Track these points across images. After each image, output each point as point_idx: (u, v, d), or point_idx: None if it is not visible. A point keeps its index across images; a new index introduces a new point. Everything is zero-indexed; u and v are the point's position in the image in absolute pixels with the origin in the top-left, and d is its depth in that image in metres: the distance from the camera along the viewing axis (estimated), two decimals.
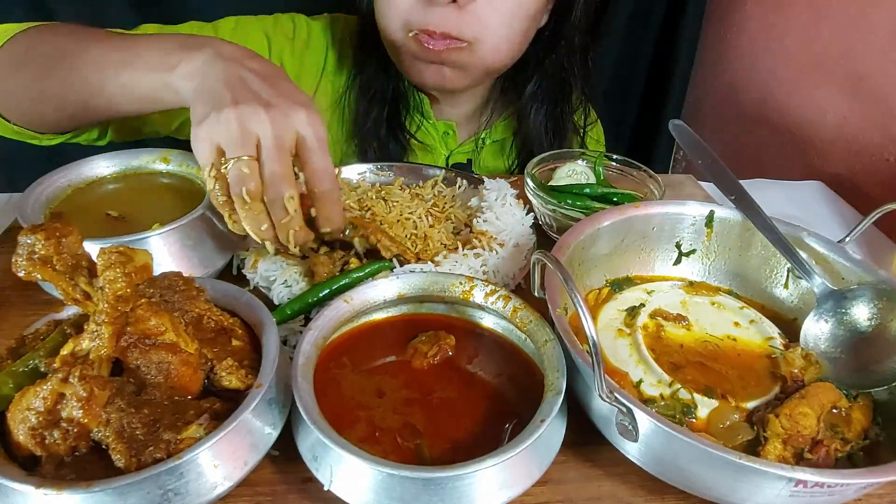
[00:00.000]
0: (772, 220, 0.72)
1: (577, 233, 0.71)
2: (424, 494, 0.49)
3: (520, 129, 1.18)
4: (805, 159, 1.39)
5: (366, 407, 0.58)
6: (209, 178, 0.63)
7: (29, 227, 0.52)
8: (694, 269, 0.79)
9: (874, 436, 0.59)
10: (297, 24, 1.11)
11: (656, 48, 1.72)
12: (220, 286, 0.63)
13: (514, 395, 0.61)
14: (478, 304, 0.67)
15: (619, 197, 0.93)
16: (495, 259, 0.78)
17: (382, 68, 1.09)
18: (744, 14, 1.58)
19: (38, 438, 0.47)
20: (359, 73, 1.11)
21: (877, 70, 1.20)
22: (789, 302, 0.74)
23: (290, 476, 0.57)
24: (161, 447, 0.48)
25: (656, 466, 0.55)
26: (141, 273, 0.54)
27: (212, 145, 0.62)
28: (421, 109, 1.14)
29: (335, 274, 0.73)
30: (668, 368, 0.63)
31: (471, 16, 0.93)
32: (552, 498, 0.56)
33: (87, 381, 0.48)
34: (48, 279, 0.52)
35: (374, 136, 1.10)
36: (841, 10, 1.29)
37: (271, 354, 0.55)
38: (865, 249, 1.02)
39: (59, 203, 0.79)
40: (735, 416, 0.59)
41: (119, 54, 0.73)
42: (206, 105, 0.63)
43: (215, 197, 0.64)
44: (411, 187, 0.93)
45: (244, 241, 0.80)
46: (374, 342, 0.66)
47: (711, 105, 1.75)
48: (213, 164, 0.62)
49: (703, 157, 0.81)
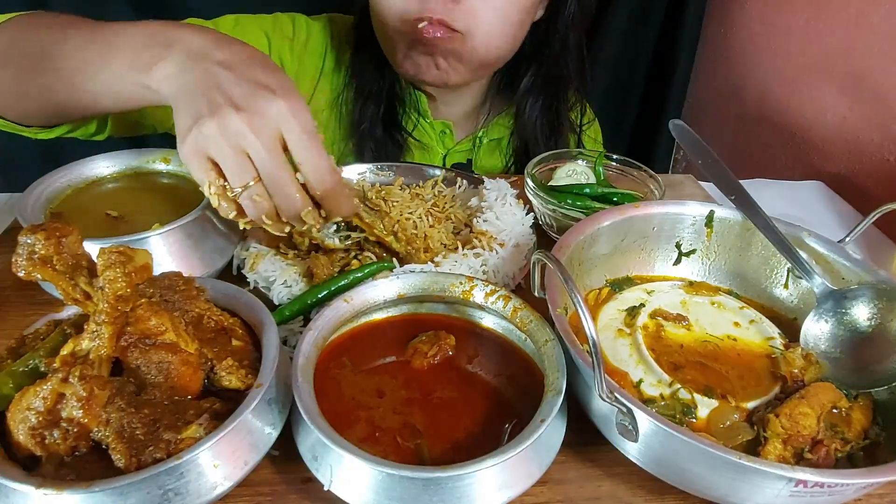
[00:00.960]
0: (772, 220, 0.72)
1: (577, 233, 0.71)
2: (424, 494, 0.49)
3: (516, 125, 1.19)
4: (805, 159, 1.39)
5: (366, 407, 0.58)
6: (212, 196, 0.63)
7: (29, 227, 0.52)
8: (694, 269, 0.79)
9: (874, 436, 0.59)
10: (296, 24, 1.11)
11: (656, 48, 1.73)
12: (220, 286, 0.63)
13: (514, 395, 0.61)
14: (478, 304, 0.67)
15: (619, 197, 0.93)
16: (495, 259, 0.78)
17: (379, 67, 1.09)
18: (744, 14, 1.58)
19: (38, 438, 0.47)
20: (355, 71, 1.11)
21: (877, 70, 1.20)
22: (789, 302, 0.74)
23: (290, 476, 0.57)
24: (161, 447, 0.48)
25: (656, 466, 0.55)
26: (141, 273, 0.54)
27: (203, 160, 0.61)
28: (418, 108, 1.14)
29: (334, 274, 0.73)
30: (668, 368, 0.63)
31: (465, 7, 0.93)
32: (552, 498, 0.56)
33: (87, 381, 0.48)
34: (48, 279, 0.51)
35: (370, 135, 1.11)
36: (841, 10, 1.29)
37: (271, 354, 0.55)
38: (865, 249, 1.02)
39: (59, 203, 0.78)
40: (735, 416, 0.59)
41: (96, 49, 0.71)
42: (186, 117, 0.61)
43: (225, 213, 0.64)
44: (411, 187, 0.93)
45: (244, 240, 0.80)
46: (374, 342, 0.66)
47: (711, 105, 1.75)
48: (209, 181, 0.62)
49: (703, 157, 0.81)
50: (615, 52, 1.71)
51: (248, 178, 0.61)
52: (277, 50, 1.08)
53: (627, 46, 1.71)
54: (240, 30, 1.05)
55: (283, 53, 1.09)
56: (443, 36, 0.95)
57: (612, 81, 1.76)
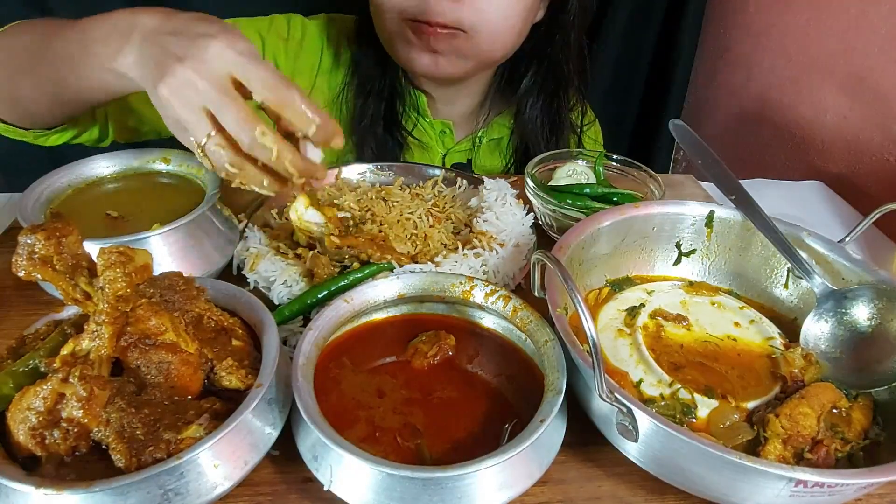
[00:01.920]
0: (772, 220, 0.72)
1: (577, 233, 0.71)
2: (424, 494, 0.49)
3: (517, 124, 1.19)
4: (805, 159, 1.39)
5: (366, 407, 0.58)
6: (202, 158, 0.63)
7: (29, 227, 0.52)
8: (694, 269, 0.79)
9: (874, 436, 0.59)
10: (291, 23, 1.11)
11: (656, 48, 1.72)
12: (220, 286, 0.63)
13: (514, 395, 0.61)
14: (478, 304, 0.67)
15: (619, 197, 0.93)
16: (495, 259, 0.78)
17: (379, 65, 1.09)
18: (744, 14, 1.58)
19: (39, 438, 0.47)
20: (356, 70, 1.11)
21: (877, 70, 1.20)
22: (789, 302, 0.74)
23: (290, 476, 0.57)
24: (161, 447, 0.48)
25: (656, 466, 0.55)
26: (141, 273, 0.54)
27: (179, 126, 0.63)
28: (417, 107, 1.14)
29: (335, 275, 0.73)
30: (668, 368, 0.63)
31: (467, 5, 0.93)
32: (552, 498, 0.56)
33: (87, 381, 0.48)
34: (48, 279, 0.52)
35: (370, 133, 1.11)
36: (841, 10, 1.29)
37: (271, 354, 0.55)
38: (865, 249, 1.02)
39: (59, 203, 0.79)
40: (735, 416, 0.59)
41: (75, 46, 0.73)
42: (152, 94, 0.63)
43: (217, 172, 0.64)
44: (411, 187, 0.93)
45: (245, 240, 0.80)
46: (374, 342, 0.66)
47: (711, 105, 1.75)
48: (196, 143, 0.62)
49: (703, 157, 0.81)
50: (615, 52, 1.71)
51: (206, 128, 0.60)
52: (272, 49, 1.08)
53: (627, 47, 1.71)
54: None
55: (278, 53, 1.09)
56: (445, 33, 0.95)
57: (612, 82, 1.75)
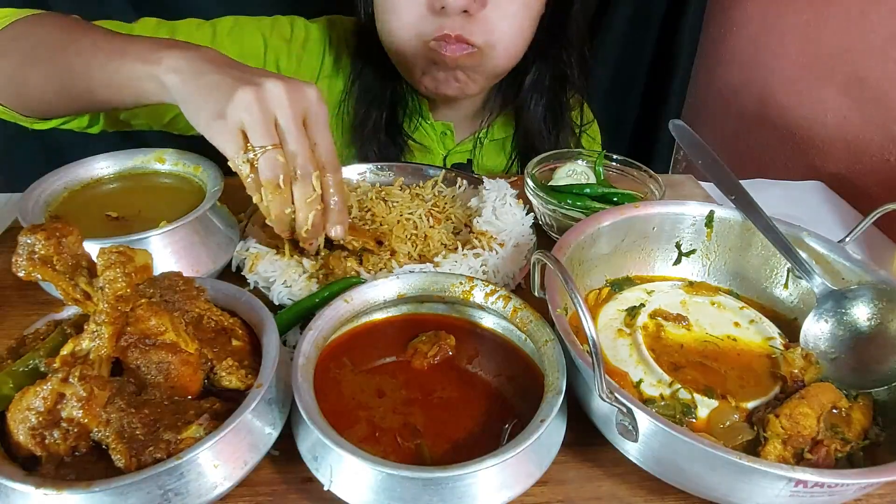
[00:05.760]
0: (772, 221, 0.72)
1: (577, 233, 0.71)
2: (424, 494, 0.49)
3: (519, 123, 1.19)
4: (805, 159, 1.39)
5: (366, 407, 0.58)
6: (243, 164, 0.65)
7: (29, 227, 0.52)
8: (694, 269, 0.79)
9: (874, 436, 0.59)
10: (294, 26, 1.11)
11: (656, 48, 1.73)
12: (220, 286, 0.63)
13: (514, 395, 0.61)
14: (478, 304, 0.67)
15: (619, 197, 0.93)
16: (495, 259, 0.78)
17: (381, 73, 1.09)
18: (744, 14, 1.58)
19: (38, 438, 0.47)
20: (357, 78, 1.11)
21: (877, 70, 1.20)
22: (789, 302, 0.74)
23: (290, 476, 0.57)
24: (161, 447, 0.48)
25: (656, 466, 0.55)
26: (141, 273, 0.54)
27: (236, 133, 0.65)
28: (420, 111, 1.14)
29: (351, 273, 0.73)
30: (668, 368, 0.63)
31: (481, 22, 0.94)
32: (552, 498, 0.56)
33: (87, 381, 0.48)
34: (48, 279, 0.51)
35: (373, 140, 1.11)
36: (841, 10, 1.29)
37: (271, 354, 0.55)
38: (865, 249, 1.02)
39: (58, 204, 0.78)
40: (735, 416, 0.59)
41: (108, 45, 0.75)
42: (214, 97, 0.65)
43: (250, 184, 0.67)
44: (411, 187, 0.93)
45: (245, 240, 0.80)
46: (374, 342, 0.66)
47: (711, 105, 1.75)
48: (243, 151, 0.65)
49: (703, 157, 0.81)
50: (616, 52, 1.72)
51: (270, 140, 0.65)
52: (274, 51, 1.08)
53: (628, 47, 1.71)
54: (238, 30, 1.05)
55: (280, 55, 1.08)
56: (462, 53, 0.96)
57: (612, 82, 1.76)
